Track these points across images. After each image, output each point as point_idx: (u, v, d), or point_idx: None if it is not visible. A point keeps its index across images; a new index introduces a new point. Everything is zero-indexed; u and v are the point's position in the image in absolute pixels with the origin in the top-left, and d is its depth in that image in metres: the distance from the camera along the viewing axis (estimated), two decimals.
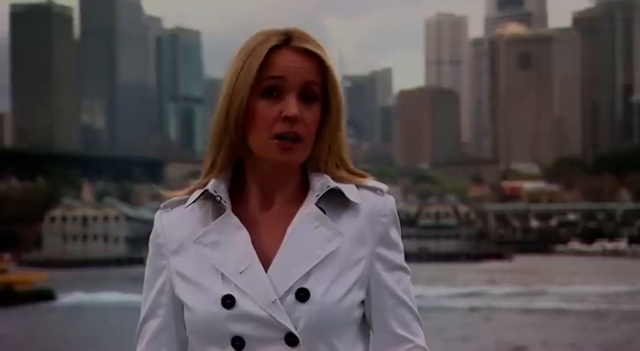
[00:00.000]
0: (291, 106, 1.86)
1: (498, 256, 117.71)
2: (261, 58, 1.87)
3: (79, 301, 53.35)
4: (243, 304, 1.85)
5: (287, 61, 1.88)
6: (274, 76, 1.87)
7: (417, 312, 1.98)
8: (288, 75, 1.87)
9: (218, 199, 1.93)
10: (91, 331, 37.94)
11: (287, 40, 1.90)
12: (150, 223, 2.07)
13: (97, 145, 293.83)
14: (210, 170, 1.96)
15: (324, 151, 1.94)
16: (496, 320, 40.59)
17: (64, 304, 52.71)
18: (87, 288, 60.91)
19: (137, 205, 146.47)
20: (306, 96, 1.88)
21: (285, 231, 1.90)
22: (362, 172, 1.99)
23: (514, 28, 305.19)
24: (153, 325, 1.99)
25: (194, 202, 1.95)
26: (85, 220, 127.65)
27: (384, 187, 1.97)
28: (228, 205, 1.93)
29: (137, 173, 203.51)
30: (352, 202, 1.93)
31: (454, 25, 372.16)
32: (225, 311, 1.85)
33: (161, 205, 2.01)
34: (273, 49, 1.88)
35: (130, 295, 54.23)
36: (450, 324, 37.01)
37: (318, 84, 1.89)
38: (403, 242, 1.93)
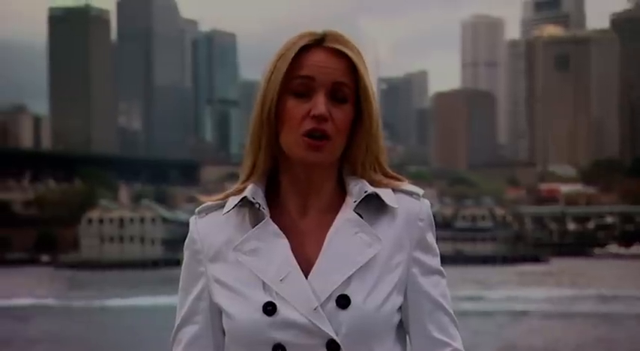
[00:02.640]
0: (319, 104, 1.87)
1: (535, 259, 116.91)
2: (291, 58, 1.89)
3: None
4: (284, 311, 1.85)
5: (316, 60, 1.90)
6: (303, 75, 1.89)
7: (453, 315, 1.98)
8: (317, 74, 1.89)
9: (257, 206, 1.93)
10: None
11: (320, 40, 1.92)
12: (186, 225, 2.09)
13: (133, 147, 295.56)
14: (251, 173, 1.97)
15: (359, 155, 1.95)
16: (532, 324, 40.23)
17: None
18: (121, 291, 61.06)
19: (173, 207, 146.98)
20: (336, 96, 1.89)
21: (324, 237, 1.91)
22: (398, 176, 2.00)
23: (551, 30, 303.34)
24: (190, 331, 1.99)
25: (232, 208, 1.95)
26: (121, 221, 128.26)
27: (419, 190, 1.97)
28: (266, 212, 1.93)
29: (173, 175, 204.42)
30: (389, 206, 1.94)
31: (491, 26, 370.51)
32: (266, 318, 1.85)
33: (196, 211, 2.01)
34: (305, 49, 1.91)
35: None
36: (484, 328, 36.73)
37: (349, 85, 1.90)
38: (439, 245, 1.95)
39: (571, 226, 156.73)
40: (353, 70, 1.90)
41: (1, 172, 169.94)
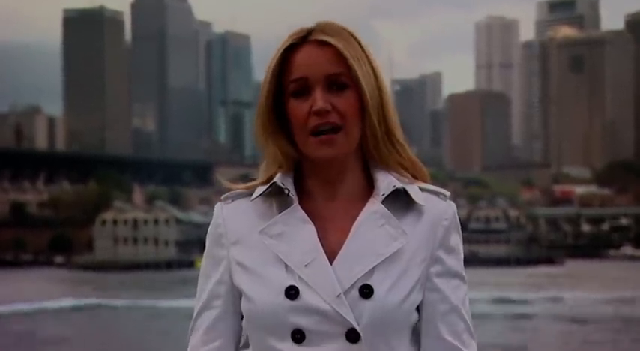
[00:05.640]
0: (317, 99, 1.87)
1: (549, 261, 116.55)
2: (275, 64, 1.91)
3: None
4: (306, 296, 1.84)
5: (305, 59, 1.90)
6: (296, 78, 1.90)
7: (469, 323, 1.96)
8: (308, 72, 1.89)
9: (286, 192, 1.92)
10: None
11: (306, 36, 1.92)
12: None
13: (147, 148, 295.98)
14: (275, 170, 1.96)
15: (369, 139, 1.93)
16: (545, 326, 40.07)
17: None
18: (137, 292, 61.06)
19: (187, 209, 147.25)
20: (334, 86, 1.89)
21: (350, 226, 1.90)
22: (419, 164, 2.00)
23: (566, 31, 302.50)
24: (210, 315, 1.98)
25: (260, 195, 1.95)
26: (135, 223, 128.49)
27: (447, 192, 1.98)
28: (295, 198, 1.92)
29: (187, 177, 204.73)
30: (416, 203, 1.93)
31: (505, 28, 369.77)
32: (288, 302, 1.84)
33: (222, 197, 2.01)
34: (293, 49, 1.91)
35: None
36: (498, 331, 36.61)
37: (345, 72, 1.89)
38: None
39: (585, 227, 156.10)
40: (344, 56, 1.89)
41: (15, 174, 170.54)
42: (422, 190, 1.95)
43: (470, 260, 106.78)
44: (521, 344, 33.33)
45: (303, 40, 1.91)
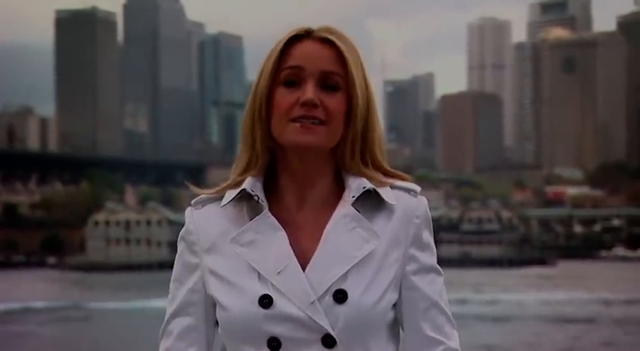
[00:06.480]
0: (308, 90, 1.86)
1: (541, 262, 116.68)
2: (279, 49, 1.90)
3: None
4: (280, 304, 1.84)
5: (305, 50, 1.89)
6: (292, 66, 1.89)
7: (449, 314, 1.96)
8: (306, 64, 1.88)
9: (256, 198, 1.91)
10: None
11: (309, 31, 1.92)
12: None
13: (139, 149, 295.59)
14: (247, 168, 1.95)
15: (347, 144, 1.92)
16: (537, 328, 40.09)
17: None
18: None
19: (179, 209, 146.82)
20: (327, 85, 1.89)
21: (321, 232, 1.89)
22: (399, 173, 1.99)
23: (558, 33, 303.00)
24: (183, 322, 1.97)
25: (230, 201, 1.94)
26: (127, 224, 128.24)
27: (417, 188, 1.96)
28: (265, 204, 1.91)
29: (179, 177, 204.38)
30: (387, 203, 1.92)
31: (497, 29, 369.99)
32: (262, 311, 1.84)
33: (192, 202, 2.00)
34: (295, 42, 1.91)
35: None
36: (490, 332, 36.62)
37: (340, 74, 1.89)
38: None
39: (577, 228, 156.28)
40: (343, 59, 1.90)
41: (8, 175, 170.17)
42: (392, 187, 1.95)
43: (462, 261, 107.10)
44: (513, 345, 33.35)
45: (306, 35, 1.92)
